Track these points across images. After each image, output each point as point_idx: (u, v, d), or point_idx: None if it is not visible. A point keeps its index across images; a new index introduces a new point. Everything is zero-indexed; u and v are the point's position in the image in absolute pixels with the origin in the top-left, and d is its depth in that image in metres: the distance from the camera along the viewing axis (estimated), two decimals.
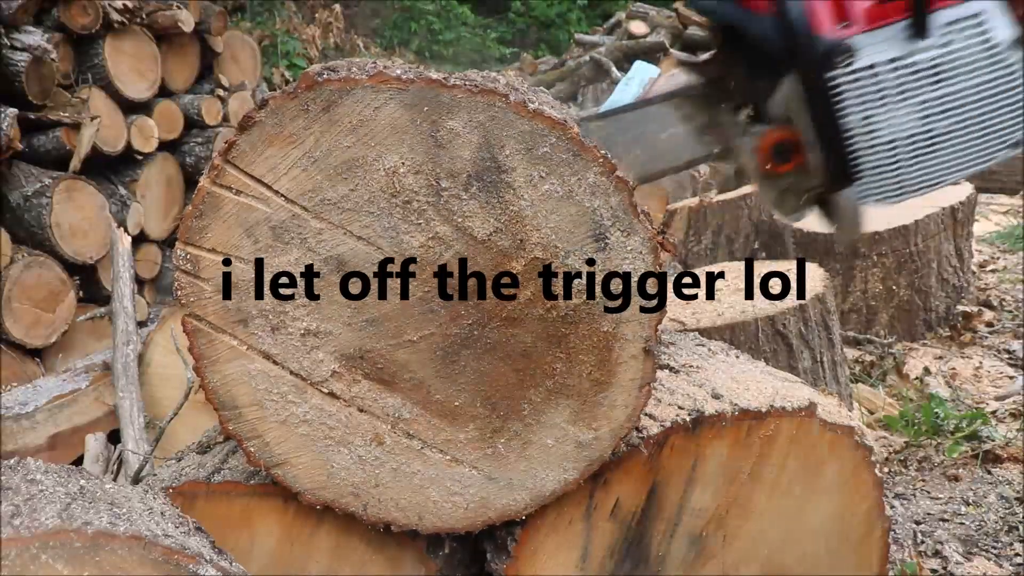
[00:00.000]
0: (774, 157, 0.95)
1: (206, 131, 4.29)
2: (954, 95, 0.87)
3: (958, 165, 0.91)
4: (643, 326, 1.11)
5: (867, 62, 0.87)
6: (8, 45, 3.31)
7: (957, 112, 0.88)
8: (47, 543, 0.82)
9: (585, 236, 1.06)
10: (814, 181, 0.97)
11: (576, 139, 1.02)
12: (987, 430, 2.46)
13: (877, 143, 0.89)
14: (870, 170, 0.90)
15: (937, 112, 0.88)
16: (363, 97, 1.00)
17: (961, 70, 0.87)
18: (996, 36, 0.87)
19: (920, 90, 0.87)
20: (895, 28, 0.87)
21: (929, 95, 0.87)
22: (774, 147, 0.94)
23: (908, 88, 0.87)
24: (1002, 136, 0.90)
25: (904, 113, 0.88)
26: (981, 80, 0.87)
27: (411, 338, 1.08)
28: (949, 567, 1.94)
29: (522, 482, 1.17)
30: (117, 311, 2.60)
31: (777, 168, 0.95)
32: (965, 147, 0.90)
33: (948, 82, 0.87)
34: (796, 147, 0.93)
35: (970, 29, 0.86)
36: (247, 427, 1.11)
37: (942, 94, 0.87)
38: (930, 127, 0.88)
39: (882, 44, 0.87)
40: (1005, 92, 0.88)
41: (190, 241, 1.05)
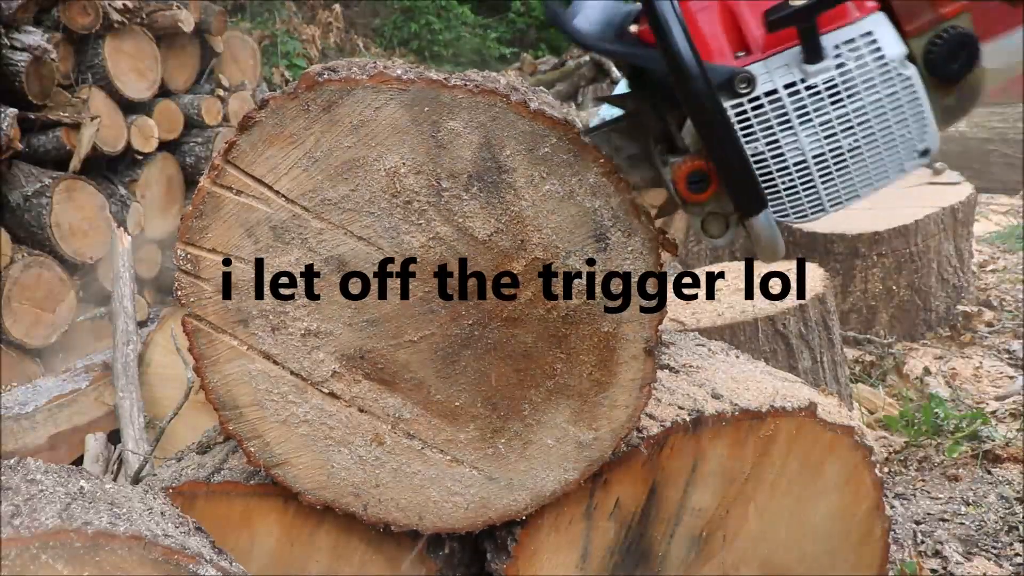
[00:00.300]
0: (690, 187, 0.96)
1: (206, 131, 4.29)
2: (855, 112, 0.89)
3: (870, 178, 0.92)
4: (643, 326, 1.11)
5: (768, 88, 0.89)
6: (8, 45, 3.30)
7: (860, 128, 0.90)
8: (47, 543, 0.82)
9: (586, 237, 1.06)
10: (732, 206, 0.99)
11: (577, 140, 1.02)
12: (987, 430, 2.46)
13: (786, 166, 0.91)
14: (784, 191, 0.92)
15: (840, 130, 0.90)
16: (364, 97, 1.00)
17: (858, 88, 0.89)
18: (888, 52, 0.89)
19: (821, 111, 0.89)
20: (790, 54, 0.89)
21: (831, 115, 0.89)
22: (689, 177, 0.96)
23: (809, 110, 0.89)
24: (908, 147, 0.92)
25: (809, 134, 0.89)
26: (879, 95, 0.89)
27: (411, 338, 1.08)
28: (949, 567, 1.94)
29: (522, 482, 1.17)
30: (117, 311, 2.60)
31: (695, 197, 0.97)
32: (874, 161, 0.92)
33: (847, 100, 0.89)
34: (710, 175, 0.95)
35: (862, 48, 0.89)
36: (247, 427, 1.11)
37: (843, 112, 0.89)
38: (836, 145, 0.90)
39: (780, 70, 0.89)
40: (905, 104, 0.90)
41: (190, 241, 1.05)
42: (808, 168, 0.91)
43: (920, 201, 3.15)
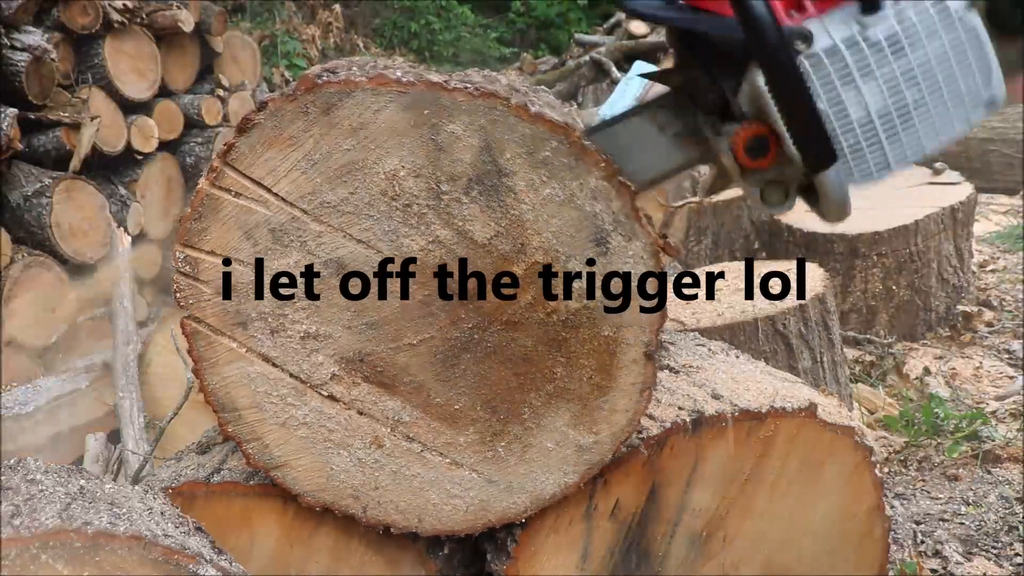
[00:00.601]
0: (750, 153, 0.94)
1: (206, 131, 4.28)
2: (918, 64, 0.87)
3: (935, 133, 0.90)
4: (644, 330, 1.11)
5: (826, 44, 0.87)
6: (8, 45, 3.30)
7: (924, 81, 0.87)
8: (47, 543, 0.82)
9: (586, 241, 1.06)
10: (794, 170, 0.96)
11: (577, 143, 1.02)
12: (987, 430, 2.46)
13: (850, 124, 0.88)
14: (849, 150, 0.89)
15: (904, 84, 0.87)
16: (363, 100, 0.99)
17: (920, 39, 0.86)
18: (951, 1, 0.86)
19: (883, 65, 0.86)
20: (848, 8, 0.87)
21: (893, 68, 0.87)
22: (748, 143, 0.94)
23: (871, 64, 0.86)
24: (975, 97, 0.90)
25: (871, 90, 0.87)
26: (942, 46, 0.87)
27: (411, 341, 1.08)
28: (949, 567, 1.94)
29: (522, 485, 1.17)
30: (117, 311, 2.60)
31: (755, 163, 0.95)
32: (940, 113, 0.89)
33: (910, 52, 0.86)
34: (770, 140, 0.93)
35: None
36: (246, 429, 1.11)
37: (906, 65, 0.87)
38: (899, 100, 0.88)
39: (838, 25, 0.87)
40: (969, 53, 0.88)
41: (189, 243, 1.05)
42: (873, 125, 0.89)
43: (920, 201, 3.14)
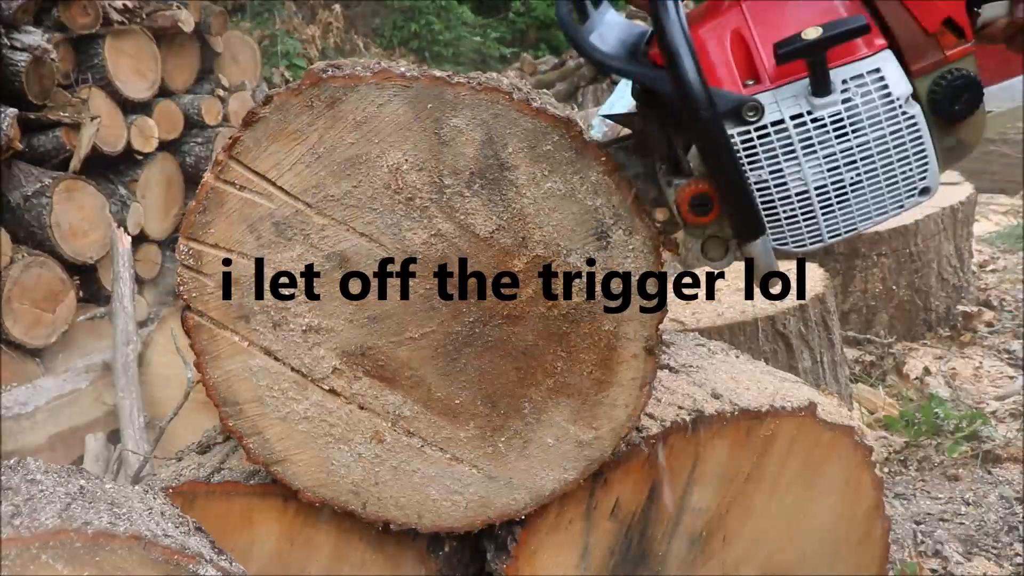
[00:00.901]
0: (693, 209, 0.98)
1: (206, 131, 4.29)
2: (859, 147, 0.90)
3: (869, 213, 0.94)
4: (644, 325, 1.11)
5: (775, 117, 0.90)
6: (8, 45, 3.30)
7: (863, 163, 0.91)
8: (47, 543, 0.82)
9: (587, 235, 1.06)
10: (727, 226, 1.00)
11: (578, 138, 1.02)
12: (987, 430, 2.46)
13: (788, 195, 0.92)
14: (784, 220, 0.93)
15: (844, 164, 0.91)
16: (367, 94, 1.00)
17: (864, 123, 0.90)
18: (895, 90, 0.90)
19: (826, 144, 0.90)
20: (799, 85, 0.91)
21: (835, 148, 0.90)
22: (692, 200, 0.97)
23: (814, 142, 0.90)
24: (909, 184, 0.94)
25: (812, 166, 0.91)
26: (883, 132, 0.91)
27: (412, 335, 1.08)
28: (949, 567, 1.94)
29: (522, 481, 1.16)
30: (117, 311, 2.60)
31: (697, 219, 0.98)
32: (875, 196, 0.93)
33: (852, 135, 0.90)
34: (713, 199, 0.97)
35: (869, 84, 0.90)
36: (247, 423, 1.11)
37: (847, 147, 0.90)
38: (838, 178, 0.91)
39: (788, 100, 0.91)
40: (908, 143, 0.91)
41: (193, 236, 1.04)
42: (810, 199, 0.92)
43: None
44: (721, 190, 0.92)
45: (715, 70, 0.93)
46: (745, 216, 0.92)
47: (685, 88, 0.87)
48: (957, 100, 0.92)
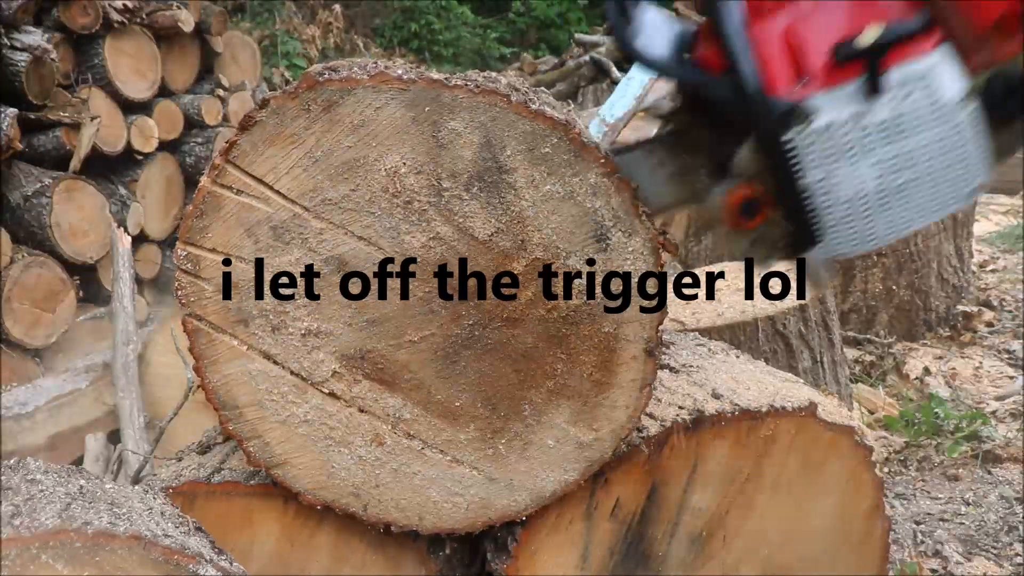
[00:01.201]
0: (741, 213, 0.96)
1: (206, 131, 4.29)
2: (906, 153, 0.89)
3: (915, 217, 0.93)
4: (644, 327, 1.11)
5: (824, 122, 0.89)
6: (8, 45, 3.30)
7: (910, 169, 0.90)
8: (47, 543, 0.82)
9: (586, 237, 1.06)
10: (780, 236, 0.99)
11: (577, 140, 1.02)
12: (987, 430, 2.46)
13: (835, 200, 0.91)
14: (831, 226, 0.92)
15: (891, 169, 0.90)
16: (364, 97, 0.99)
17: (915, 127, 0.89)
18: (944, 94, 0.89)
19: (874, 149, 0.89)
20: (851, 87, 0.89)
21: (883, 153, 0.89)
22: (740, 204, 0.96)
23: (862, 147, 0.89)
24: (955, 188, 0.93)
25: (860, 171, 0.90)
26: (931, 137, 0.89)
27: (412, 338, 1.08)
28: (949, 567, 1.94)
29: (522, 483, 1.16)
30: (117, 311, 2.60)
31: (744, 224, 0.97)
32: (920, 200, 0.92)
33: (900, 140, 0.89)
34: (762, 203, 0.95)
35: (919, 89, 0.89)
36: (247, 427, 1.11)
37: (895, 152, 0.89)
38: (885, 183, 0.90)
39: (840, 104, 0.89)
40: (956, 148, 0.90)
41: (191, 241, 1.04)
42: (863, 201, 0.91)
43: None
44: (780, 198, 0.90)
45: (767, 71, 0.90)
46: (803, 224, 0.91)
47: (745, 95, 0.86)
48: (1009, 98, 0.91)
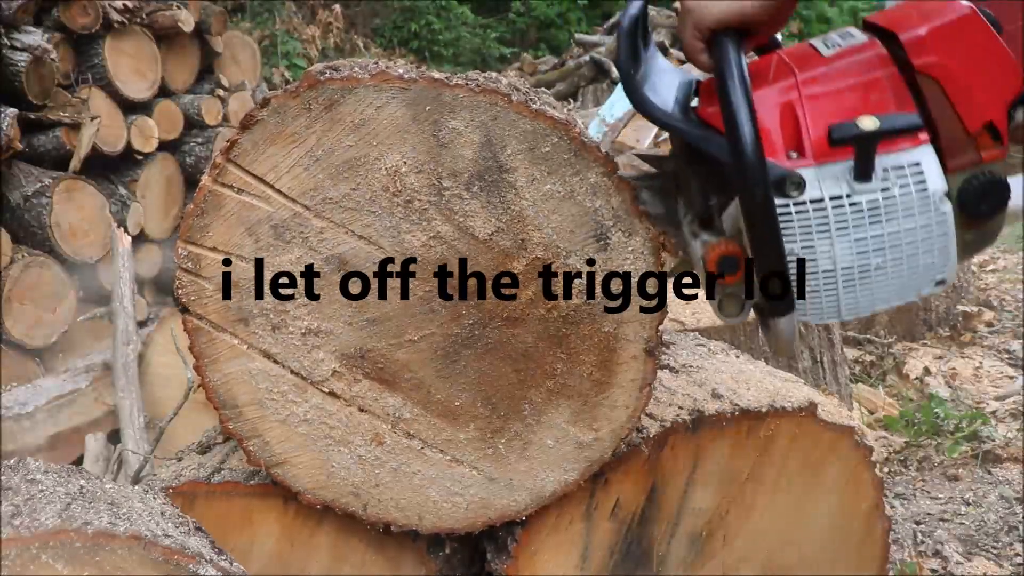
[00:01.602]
0: (720, 268, 0.99)
1: (206, 131, 4.29)
2: (889, 235, 0.92)
3: (882, 298, 0.96)
4: (644, 327, 1.11)
5: (815, 195, 0.92)
6: (8, 45, 3.30)
7: (888, 251, 0.93)
8: (47, 543, 0.82)
9: (586, 236, 1.06)
10: (755, 294, 1.02)
11: (578, 139, 1.02)
12: (987, 430, 2.47)
13: (815, 271, 0.94)
14: (808, 292, 0.95)
15: (872, 248, 0.93)
16: (365, 96, 0.99)
17: (898, 213, 0.92)
18: (931, 185, 0.92)
19: (859, 227, 0.92)
20: (842, 166, 0.92)
21: (867, 233, 0.92)
22: (720, 260, 0.98)
23: (848, 224, 0.92)
24: (925, 276, 0.96)
25: (843, 246, 0.93)
26: (915, 224, 0.93)
27: (412, 338, 1.08)
28: (949, 567, 1.94)
29: (522, 483, 1.16)
30: (117, 311, 2.60)
31: (722, 279, 1.00)
32: (891, 283, 0.95)
33: (885, 222, 0.92)
34: (741, 262, 0.98)
35: (909, 176, 0.92)
36: (247, 426, 1.11)
37: (878, 233, 0.92)
38: (863, 262, 0.93)
39: (829, 180, 0.92)
40: (935, 236, 0.94)
41: (191, 239, 1.04)
42: (835, 277, 0.94)
43: None
44: (761, 264, 0.93)
45: (764, 138, 0.93)
46: (781, 290, 0.94)
47: (743, 159, 0.88)
48: (985, 201, 0.94)
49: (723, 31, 0.94)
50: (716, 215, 1.02)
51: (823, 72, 0.94)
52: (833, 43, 0.97)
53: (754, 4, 0.93)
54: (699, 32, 0.96)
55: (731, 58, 0.91)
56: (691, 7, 0.95)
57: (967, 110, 0.93)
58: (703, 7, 0.94)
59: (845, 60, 0.95)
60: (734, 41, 0.93)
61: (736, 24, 0.94)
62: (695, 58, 0.98)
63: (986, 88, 0.93)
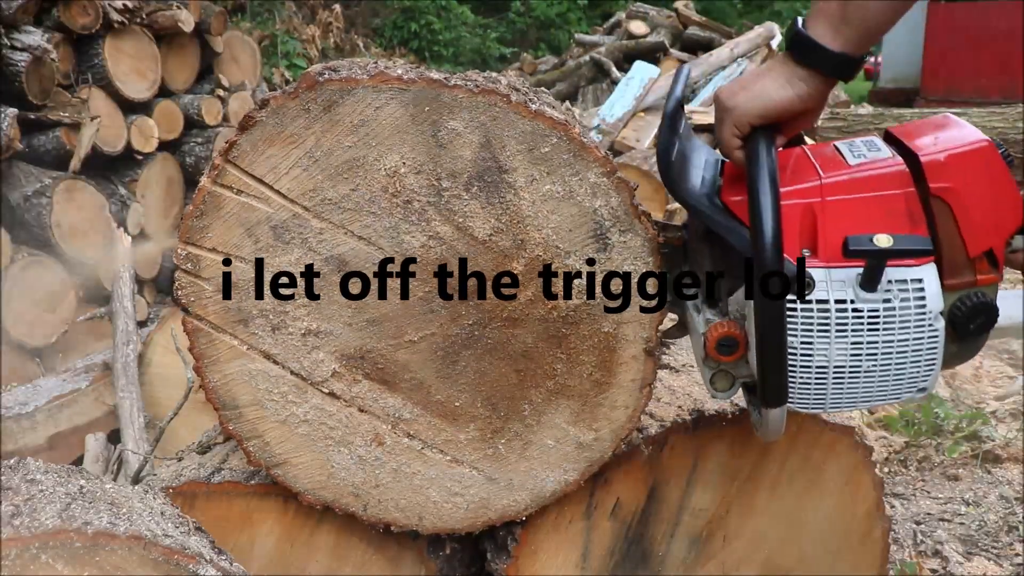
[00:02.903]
0: (718, 348, 1.03)
1: (206, 131, 4.29)
2: (884, 343, 0.97)
3: (871, 397, 1.01)
4: (644, 327, 1.11)
5: (822, 296, 0.96)
6: (8, 45, 3.30)
7: (882, 357, 0.98)
8: (47, 543, 0.82)
9: (586, 236, 1.06)
10: (746, 372, 1.07)
11: (577, 139, 1.02)
12: (987, 430, 2.46)
13: (809, 365, 0.99)
14: (798, 384, 1.00)
15: (866, 353, 0.98)
16: (364, 97, 0.99)
17: (895, 324, 0.97)
18: (930, 303, 0.97)
19: (858, 332, 0.96)
20: (851, 273, 0.96)
21: (863, 338, 0.97)
22: (720, 339, 1.03)
23: (848, 328, 0.96)
24: (909, 384, 1.01)
25: (839, 347, 0.97)
26: (908, 335, 0.97)
27: (412, 338, 1.08)
28: (949, 567, 1.94)
29: (522, 483, 1.17)
30: (117, 311, 2.60)
31: (719, 357, 1.04)
32: (877, 386, 1.00)
33: (882, 331, 0.97)
34: (740, 345, 1.02)
35: (911, 292, 0.97)
36: (247, 427, 1.11)
37: (874, 339, 0.97)
38: (856, 364, 0.98)
39: (837, 284, 0.96)
40: (924, 350, 0.98)
41: (191, 241, 1.04)
42: (827, 374, 0.99)
43: None
44: (763, 357, 0.96)
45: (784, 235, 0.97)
46: (777, 384, 0.97)
47: (763, 261, 0.92)
48: (974, 321, 0.99)
49: (761, 127, 0.97)
50: (723, 295, 1.06)
51: (846, 180, 0.98)
52: (859, 152, 1.01)
53: (792, 99, 0.96)
54: (739, 129, 0.99)
55: (764, 156, 0.94)
56: (732, 105, 0.99)
57: (971, 236, 0.98)
58: (746, 103, 0.98)
59: (868, 172, 0.98)
60: (769, 137, 0.96)
61: (776, 119, 0.98)
62: (731, 154, 1.02)
63: (991, 218, 0.98)
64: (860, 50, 0.94)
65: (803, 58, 0.95)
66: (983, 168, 0.97)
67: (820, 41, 0.94)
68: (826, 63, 0.94)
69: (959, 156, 0.98)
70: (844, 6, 0.92)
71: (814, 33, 0.94)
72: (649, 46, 7.52)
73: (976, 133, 1.00)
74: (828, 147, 1.05)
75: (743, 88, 0.99)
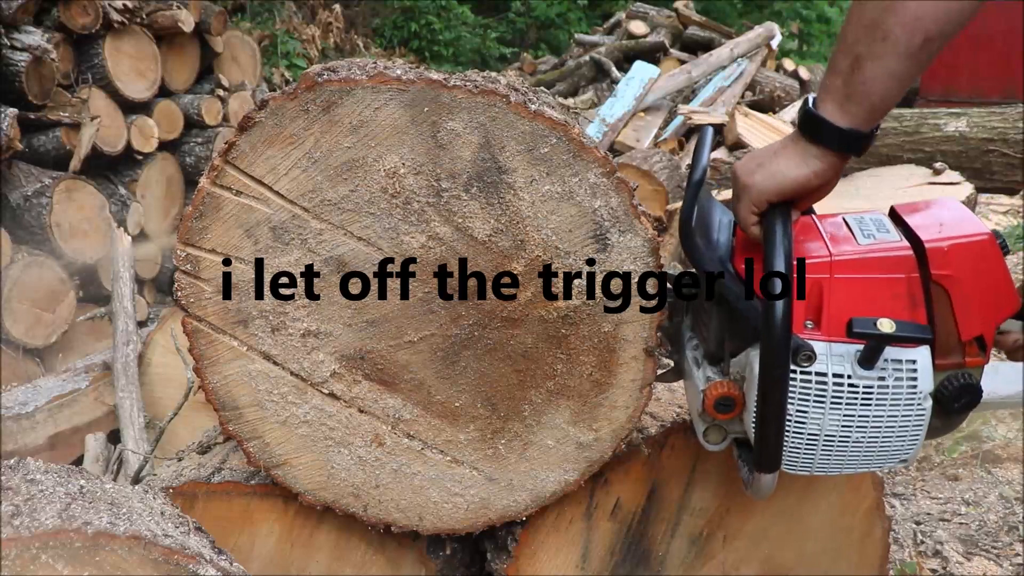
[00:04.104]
0: (716, 406, 1.06)
1: (206, 131, 4.29)
2: (874, 417, 1.01)
3: (856, 464, 1.05)
4: (644, 327, 1.11)
5: (822, 368, 0.99)
6: (8, 45, 3.31)
7: (871, 429, 1.02)
8: (47, 543, 0.82)
9: (585, 237, 1.06)
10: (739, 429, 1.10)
11: (576, 140, 1.02)
12: (987, 430, 2.46)
13: (802, 432, 1.02)
14: (788, 447, 1.03)
15: (857, 425, 1.01)
16: (363, 97, 0.99)
17: (887, 400, 1.00)
18: (922, 384, 1.00)
19: (851, 405, 1.00)
20: (850, 349, 1.00)
21: (856, 411, 1.00)
22: (719, 398, 1.05)
23: (843, 401, 1.00)
24: (893, 454, 1.05)
25: (832, 418, 1.01)
26: (898, 412, 1.01)
27: (411, 339, 1.08)
28: (949, 567, 1.94)
29: (522, 483, 1.17)
30: (117, 311, 2.60)
31: (716, 414, 1.07)
32: (867, 454, 1.04)
33: (874, 406, 1.00)
34: (738, 405, 1.06)
35: (904, 371, 1.00)
36: (247, 428, 1.11)
37: (866, 413, 1.01)
38: (845, 434, 1.02)
39: (836, 359, 1.00)
40: (911, 426, 1.02)
41: (190, 242, 1.04)
42: (817, 441, 1.02)
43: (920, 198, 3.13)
44: (762, 425, 0.99)
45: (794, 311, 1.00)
46: (772, 451, 1.00)
47: (771, 336, 0.94)
48: (959, 400, 1.03)
49: (778, 203, 0.99)
50: (726, 356, 1.08)
51: (856, 259, 1.01)
52: (868, 232, 1.05)
53: (808, 176, 0.98)
54: (756, 207, 1.01)
55: (780, 234, 0.97)
56: (751, 183, 1.00)
57: (965, 322, 1.01)
58: (763, 182, 0.99)
59: (877, 253, 1.02)
60: (785, 214, 0.99)
61: (792, 196, 0.99)
62: (748, 228, 1.03)
63: (986, 306, 1.02)
64: (868, 124, 0.96)
65: (814, 136, 0.97)
66: (982, 259, 1.01)
67: (829, 119, 0.95)
68: (836, 140, 0.96)
69: (961, 247, 1.01)
70: (848, 83, 0.93)
71: (823, 111, 0.96)
72: (649, 46, 7.52)
73: (978, 224, 1.04)
74: (838, 219, 1.08)
75: (760, 166, 1.00)
